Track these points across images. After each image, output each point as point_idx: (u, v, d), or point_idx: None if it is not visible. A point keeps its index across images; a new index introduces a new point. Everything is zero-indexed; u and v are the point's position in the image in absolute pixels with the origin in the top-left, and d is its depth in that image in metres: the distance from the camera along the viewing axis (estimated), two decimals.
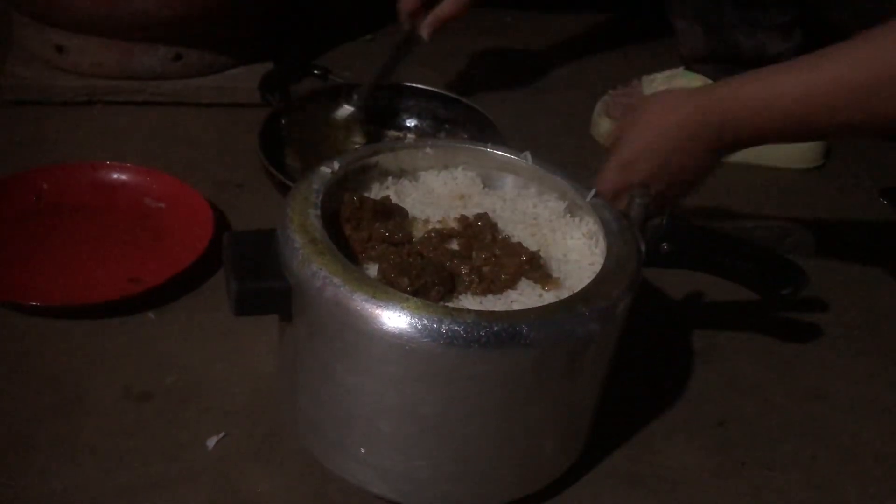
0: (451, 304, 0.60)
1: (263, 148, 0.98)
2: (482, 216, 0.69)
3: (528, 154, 0.74)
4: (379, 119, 1.12)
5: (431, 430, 0.60)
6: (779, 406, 0.80)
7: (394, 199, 0.70)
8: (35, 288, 0.82)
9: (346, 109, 1.07)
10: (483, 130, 1.09)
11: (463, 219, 0.69)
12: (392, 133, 1.13)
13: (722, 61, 1.14)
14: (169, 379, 0.75)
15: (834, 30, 0.91)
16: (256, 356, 0.77)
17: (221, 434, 0.70)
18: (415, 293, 0.59)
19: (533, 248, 0.66)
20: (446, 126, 1.13)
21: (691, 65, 1.18)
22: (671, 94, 0.77)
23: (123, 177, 0.97)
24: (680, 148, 0.74)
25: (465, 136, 1.10)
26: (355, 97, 1.08)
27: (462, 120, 1.11)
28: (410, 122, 1.14)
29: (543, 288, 0.63)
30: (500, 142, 1.07)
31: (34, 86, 1.13)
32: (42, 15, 1.12)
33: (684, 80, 1.17)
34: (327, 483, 0.67)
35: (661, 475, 0.72)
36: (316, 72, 1.14)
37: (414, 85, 1.13)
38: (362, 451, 0.62)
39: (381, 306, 0.55)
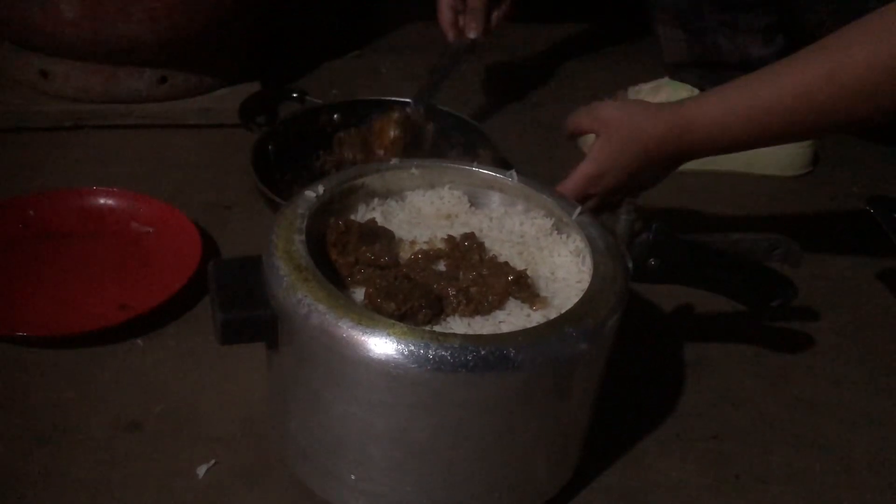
0: (438, 328, 0.60)
1: (256, 168, 0.98)
2: (469, 236, 0.69)
3: (513, 172, 0.74)
4: None
5: (421, 455, 0.59)
6: (772, 417, 0.80)
7: (380, 221, 0.69)
8: (23, 318, 0.81)
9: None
10: (466, 134, 1.08)
11: (450, 239, 0.68)
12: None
13: (705, 66, 1.14)
14: (158, 407, 0.74)
15: (815, 32, 0.91)
16: (246, 383, 0.77)
17: (212, 462, 0.69)
18: (402, 317, 0.58)
19: (520, 266, 0.66)
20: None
21: (675, 71, 1.18)
22: (640, 111, 0.79)
23: (111, 202, 0.97)
24: (647, 165, 0.78)
25: (452, 144, 1.10)
26: (414, 105, 1.08)
27: (447, 129, 1.11)
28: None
29: (531, 307, 0.63)
30: (486, 145, 1.07)
31: (19, 112, 1.13)
32: (25, 40, 1.12)
33: (669, 88, 1.17)
34: None
35: (655, 491, 0.71)
36: (294, 95, 1.14)
37: (393, 98, 1.13)
38: (353, 477, 0.61)
39: (367, 333, 0.55)
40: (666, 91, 1.17)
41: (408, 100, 1.10)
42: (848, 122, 0.72)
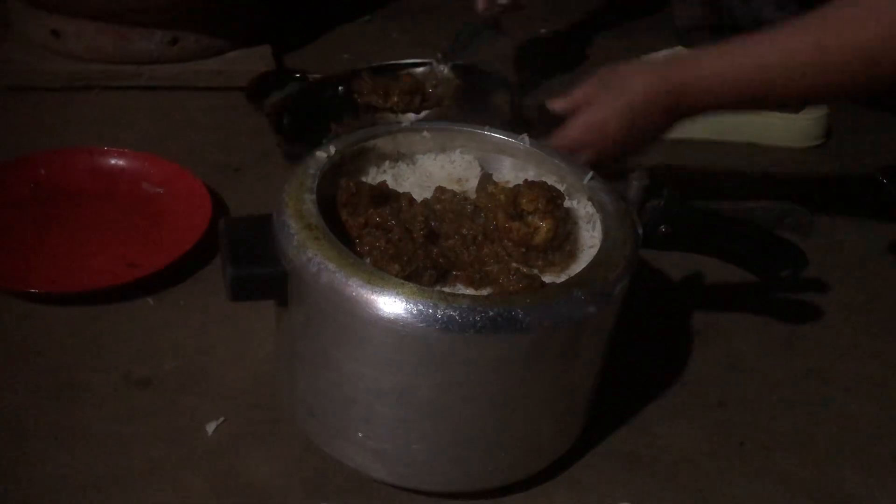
0: (447, 289, 0.60)
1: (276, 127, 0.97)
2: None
3: (525, 136, 0.73)
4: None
5: (428, 414, 0.60)
6: (778, 386, 0.80)
7: (391, 184, 0.69)
8: (33, 274, 0.82)
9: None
10: (487, 83, 1.08)
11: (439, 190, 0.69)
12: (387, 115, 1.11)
13: (717, 30, 1.13)
14: (168, 364, 0.75)
15: None
16: (256, 341, 0.77)
17: (221, 419, 0.70)
18: (407, 279, 0.58)
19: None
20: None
21: (686, 38, 1.17)
22: (635, 64, 0.81)
23: (121, 162, 0.97)
24: (643, 111, 0.77)
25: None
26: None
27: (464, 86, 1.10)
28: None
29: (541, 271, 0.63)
30: (505, 91, 1.06)
31: (30, 71, 1.13)
32: None
33: None
34: (326, 467, 0.67)
35: (661, 456, 0.72)
36: (297, 75, 1.14)
37: (400, 62, 1.12)
38: (360, 434, 0.62)
39: (376, 292, 0.55)
40: None
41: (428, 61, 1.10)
42: (835, 91, 0.74)
